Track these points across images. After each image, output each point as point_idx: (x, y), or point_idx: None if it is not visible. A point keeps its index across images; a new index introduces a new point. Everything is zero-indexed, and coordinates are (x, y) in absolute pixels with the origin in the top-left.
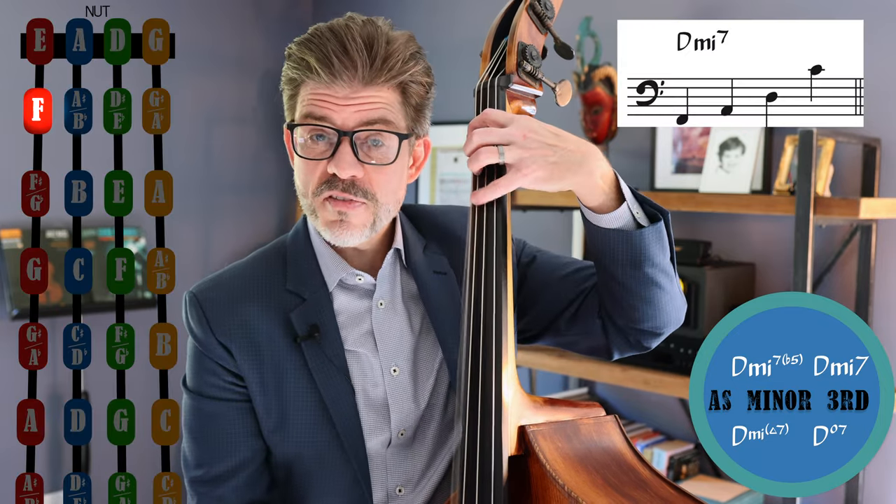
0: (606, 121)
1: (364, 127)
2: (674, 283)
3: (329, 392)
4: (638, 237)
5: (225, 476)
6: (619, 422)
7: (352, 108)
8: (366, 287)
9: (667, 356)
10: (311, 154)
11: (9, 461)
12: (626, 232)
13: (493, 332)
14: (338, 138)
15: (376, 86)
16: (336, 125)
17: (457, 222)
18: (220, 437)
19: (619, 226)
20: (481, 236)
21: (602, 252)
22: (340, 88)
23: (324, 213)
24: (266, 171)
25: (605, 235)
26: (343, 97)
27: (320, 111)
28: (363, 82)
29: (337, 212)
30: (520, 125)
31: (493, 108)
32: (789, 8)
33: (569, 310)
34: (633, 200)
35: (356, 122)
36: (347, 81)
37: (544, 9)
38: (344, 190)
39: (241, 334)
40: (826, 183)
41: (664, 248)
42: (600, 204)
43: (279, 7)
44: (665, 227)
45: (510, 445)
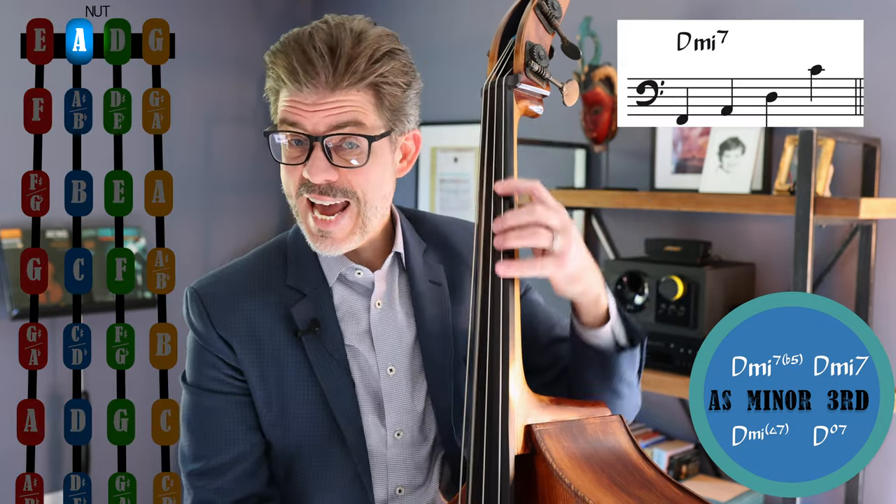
0: (606, 121)
1: (334, 131)
2: (634, 393)
3: (329, 385)
4: (614, 359)
5: (223, 469)
6: (624, 421)
7: (321, 114)
8: (365, 284)
9: (667, 356)
10: (289, 158)
11: (9, 461)
12: (604, 353)
13: (501, 330)
14: (310, 143)
15: (342, 90)
16: (307, 130)
17: (457, 234)
18: (218, 430)
19: (599, 343)
20: (489, 234)
21: (578, 361)
22: (308, 95)
23: (307, 222)
24: (266, 171)
25: (585, 349)
26: (311, 103)
27: (293, 117)
28: (329, 87)
29: (318, 229)
30: (565, 216)
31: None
32: (789, 8)
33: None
34: (617, 319)
35: (326, 127)
36: (314, 88)
37: (552, 9)
38: (322, 193)
39: (242, 329)
40: (826, 183)
41: (634, 366)
42: (592, 318)
43: (279, 7)
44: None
45: (517, 444)
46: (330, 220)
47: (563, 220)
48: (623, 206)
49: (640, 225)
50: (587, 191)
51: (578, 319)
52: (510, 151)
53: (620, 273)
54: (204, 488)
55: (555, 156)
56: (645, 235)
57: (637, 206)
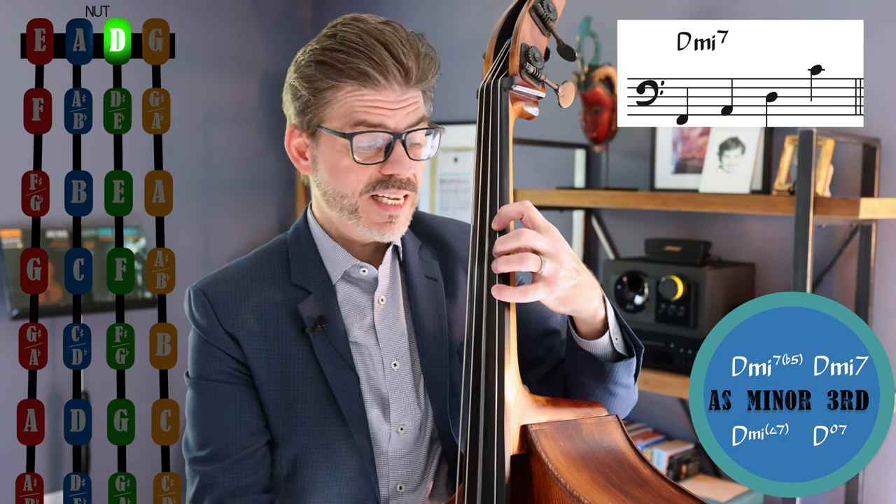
0: (606, 121)
1: (413, 128)
2: (630, 392)
3: (336, 381)
4: (610, 367)
5: (228, 452)
6: (620, 421)
7: (402, 111)
8: (369, 280)
9: (667, 356)
10: (367, 159)
11: (9, 461)
12: (599, 360)
13: (496, 331)
14: (391, 141)
15: (413, 87)
16: (391, 129)
17: (451, 233)
18: (223, 417)
19: (595, 352)
20: (485, 236)
21: (574, 363)
22: (389, 93)
23: (371, 216)
24: (266, 171)
25: (581, 354)
26: (393, 101)
27: (375, 118)
28: (406, 85)
29: (388, 215)
30: (556, 237)
31: (535, 209)
32: (789, 8)
33: (539, 369)
34: (617, 329)
35: (406, 125)
36: (395, 85)
37: (547, 11)
38: (399, 188)
39: (248, 325)
40: (826, 183)
41: (630, 372)
42: (589, 330)
43: (279, 7)
44: (637, 359)
45: (512, 444)
46: (400, 205)
47: (553, 244)
48: (623, 206)
49: (640, 225)
50: (587, 191)
51: (575, 328)
52: (506, 153)
53: (620, 273)
54: (207, 474)
55: (555, 156)
56: (645, 235)
57: (637, 206)
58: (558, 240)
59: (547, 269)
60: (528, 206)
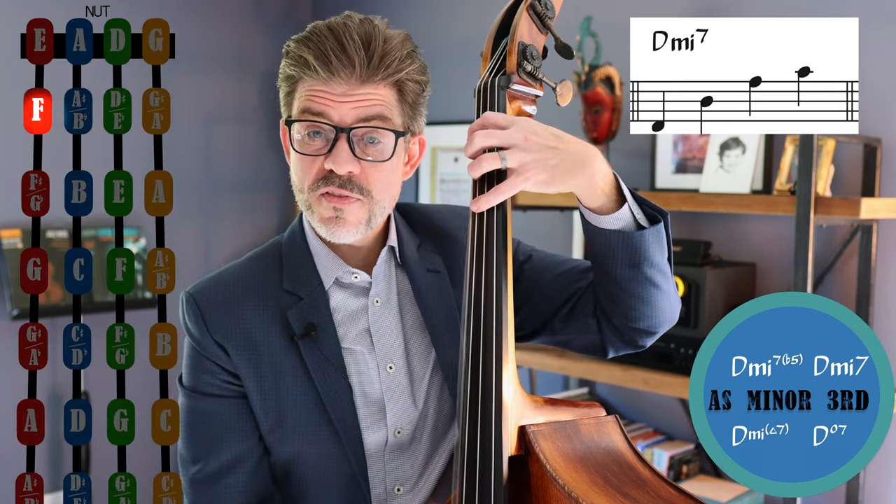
0: (607, 121)
1: (361, 123)
2: (670, 283)
3: (326, 390)
4: (638, 238)
5: (222, 472)
6: (619, 422)
7: (349, 105)
8: (362, 285)
9: (667, 356)
10: (308, 150)
11: (9, 461)
12: (627, 233)
13: (494, 332)
14: (335, 134)
15: (373, 83)
16: (333, 121)
17: (450, 221)
18: (216, 434)
19: (619, 227)
20: (482, 236)
21: (601, 253)
22: (338, 85)
23: (320, 210)
24: (266, 171)
25: (605, 237)
26: (340, 94)
27: (318, 107)
28: (360, 79)
29: (332, 207)
30: (521, 127)
31: (493, 111)
32: (788, 7)
33: (563, 309)
34: (633, 202)
35: (353, 119)
36: (345, 78)
37: (545, 9)
38: (340, 186)
39: (238, 334)
40: (826, 183)
41: (662, 248)
42: (601, 206)
43: (279, 7)
44: (664, 228)
45: (510, 445)
46: (345, 199)
47: (511, 134)
48: None
49: None
50: None
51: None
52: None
53: None
54: (204, 492)
55: None
56: None
57: None
58: (522, 128)
59: (512, 161)
60: (484, 116)
